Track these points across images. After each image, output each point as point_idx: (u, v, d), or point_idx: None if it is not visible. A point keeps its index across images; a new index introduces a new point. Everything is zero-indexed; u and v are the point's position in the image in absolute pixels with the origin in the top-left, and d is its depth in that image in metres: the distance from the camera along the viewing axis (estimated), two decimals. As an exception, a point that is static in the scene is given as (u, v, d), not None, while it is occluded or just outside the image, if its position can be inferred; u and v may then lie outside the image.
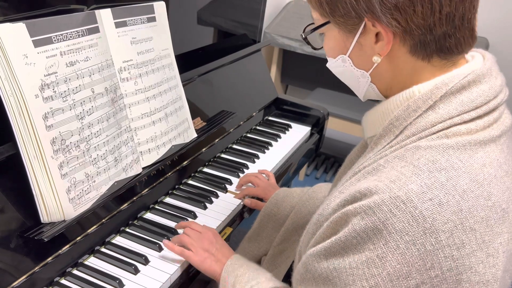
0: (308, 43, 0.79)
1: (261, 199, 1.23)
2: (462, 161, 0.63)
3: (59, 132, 0.88)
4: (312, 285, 0.70)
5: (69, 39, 0.90)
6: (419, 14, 0.64)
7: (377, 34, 0.68)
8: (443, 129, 0.66)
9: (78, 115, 0.91)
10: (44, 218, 0.88)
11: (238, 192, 1.25)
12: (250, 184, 1.26)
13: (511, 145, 0.71)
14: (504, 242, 0.65)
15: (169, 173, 1.19)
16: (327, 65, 0.80)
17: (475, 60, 0.71)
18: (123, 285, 0.91)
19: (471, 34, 0.68)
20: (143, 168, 1.10)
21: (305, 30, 0.78)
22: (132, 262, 0.95)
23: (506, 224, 0.65)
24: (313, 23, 0.77)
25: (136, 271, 0.94)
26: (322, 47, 0.79)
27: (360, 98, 0.81)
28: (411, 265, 0.60)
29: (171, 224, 1.09)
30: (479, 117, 0.66)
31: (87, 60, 0.94)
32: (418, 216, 0.59)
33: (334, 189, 0.78)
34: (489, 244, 0.62)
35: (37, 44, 0.84)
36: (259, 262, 1.14)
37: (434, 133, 0.66)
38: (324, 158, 2.95)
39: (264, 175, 1.31)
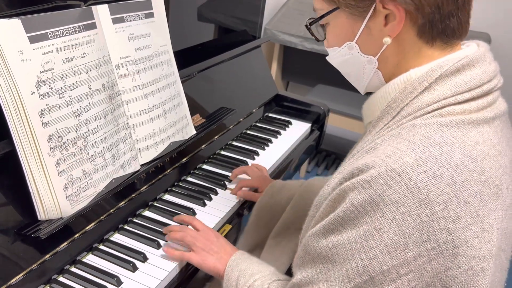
0: (312, 34, 0.81)
1: (255, 191, 1.23)
2: (456, 138, 0.65)
3: (56, 129, 0.87)
4: (311, 267, 0.71)
5: (65, 35, 0.90)
6: None
7: (386, 17, 0.70)
8: (437, 109, 0.68)
9: (75, 112, 0.91)
10: (41, 215, 0.87)
11: (237, 188, 1.24)
12: (245, 175, 1.26)
13: (505, 130, 0.73)
14: (498, 218, 0.66)
15: (168, 170, 1.18)
16: (328, 58, 0.82)
17: (470, 47, 0.74)
18: (121, 283, 0.90)
19: (467, 20, 0.72)
20: (141, 165, 1.09)
21: (310, 20, 0.79)
22: (131, 260, 0.95)
23: (500, 201, 0.67)
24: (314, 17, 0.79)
25: (134, 268, 0.93)
26: (324, 40, 0.81)
27: (361, 91, 0.82)
28: (407, 236, 0.61)
29: (170, 221, 1.08)
30: (473, 99, 0.69)
31: (84, 57, 0.93)
32: (413, 187, 0.61)
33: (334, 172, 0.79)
34: (483, 219, 0.64)
35: (33, 40, 0.84)
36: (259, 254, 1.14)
37: (429, 112, 0.68)
38: (325, 155, 2.94)
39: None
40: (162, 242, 1.01)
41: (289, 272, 1.05)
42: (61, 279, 0.90)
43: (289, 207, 1.12)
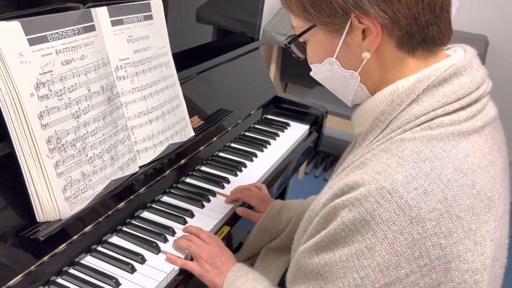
0: (292, 52, 0.81)
1: (251, 208, 1.22)
2: (446, 151, 0.65)
3: (55, 130, 0.87)
4: (304, 283, 0.71)
5: (64, 37, 0.90)
6: (404, 4, 0.66)
7: (363, 31, 0.69)
8: (426, 121, 0.67)
9: (74, 114, 0.91)
10: (40, 217, 0.87)
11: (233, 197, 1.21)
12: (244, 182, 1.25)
13: (495, 136, 0.72)
14: (491, 230, 0.66)
15: (167, 172, 1.19)
16: (311, 73, 0.81)
17: (456, 54, 0.73)
18: (120, 284, 0.90)
19: (449, 26, 0.71)
20: (140, 167, 1.09)
21: (289, 39, 0.79)
22: (129, 261, 0.95)
23: (492, 212, 0.66)
24: (294, 35, 0.78)
25: (132, 270, 0.94)
26: (306, 57, 0.80)
27: (348, 103, 0.82)
28: (399, 254, 0.61)
29: (169, 223, 1.09)
30: (462, 108, 0.68)
31: (83, 59, 0.93)
32: (404, 205, 0.61)
33: (325, 186, 0.79)
34: (476, 232, 0.63)
35: (32, 42, 0.84)
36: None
37: (418, 125, 0.67)
38: (323, 156, 2.95)
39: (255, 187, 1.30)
40: (160, 244, 1.01)
41: (281, 283, 1.06)
42: (59, 280, 0.90)
43: (289, 228, 1.12)
